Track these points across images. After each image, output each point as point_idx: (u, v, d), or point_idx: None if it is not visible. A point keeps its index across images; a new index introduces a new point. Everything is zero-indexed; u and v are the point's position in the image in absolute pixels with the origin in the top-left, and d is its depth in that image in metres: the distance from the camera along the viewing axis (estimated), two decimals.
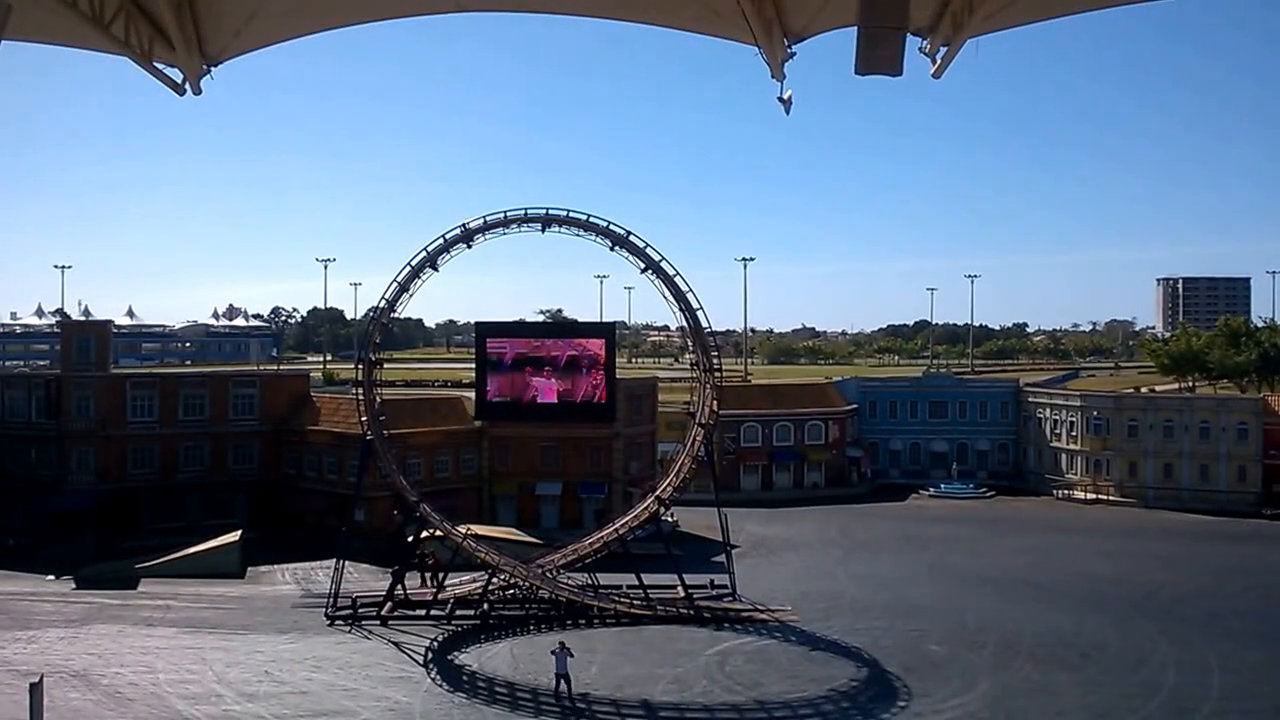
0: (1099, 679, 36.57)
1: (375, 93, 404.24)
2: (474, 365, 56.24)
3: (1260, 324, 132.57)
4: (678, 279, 46.92)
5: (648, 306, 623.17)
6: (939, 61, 13.73)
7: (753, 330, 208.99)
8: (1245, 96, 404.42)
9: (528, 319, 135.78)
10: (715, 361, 48.58)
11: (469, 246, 46.35)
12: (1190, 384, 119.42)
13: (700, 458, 48.10)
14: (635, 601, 45.48)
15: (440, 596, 45.76)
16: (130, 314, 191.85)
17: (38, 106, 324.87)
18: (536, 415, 55.87)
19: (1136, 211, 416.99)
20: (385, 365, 49.42)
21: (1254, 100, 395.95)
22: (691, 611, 44.98)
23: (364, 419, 46.04)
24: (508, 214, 46.07)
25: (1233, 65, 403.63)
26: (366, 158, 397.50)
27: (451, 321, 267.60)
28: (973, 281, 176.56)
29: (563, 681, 34.40)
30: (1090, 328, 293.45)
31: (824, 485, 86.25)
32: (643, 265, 46.74)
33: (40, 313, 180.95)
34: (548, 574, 46.45)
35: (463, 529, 47.54)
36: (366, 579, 50.56)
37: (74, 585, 51.07)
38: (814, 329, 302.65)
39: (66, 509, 60.96)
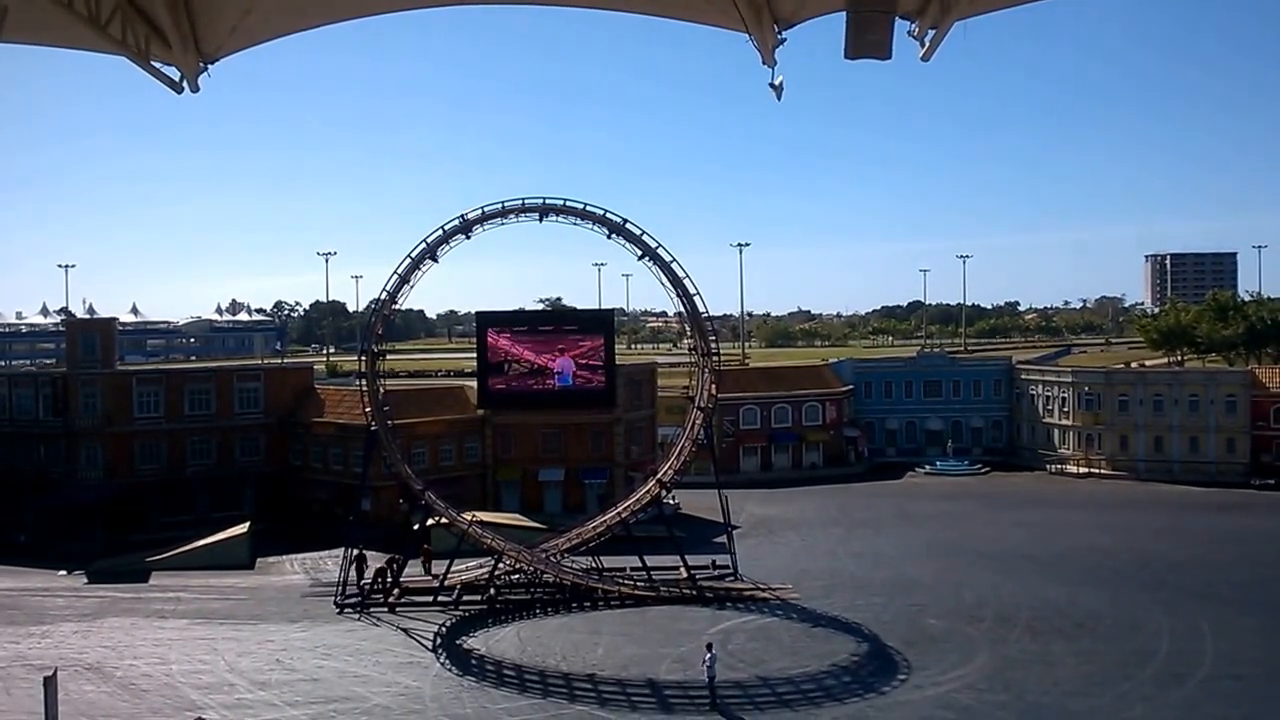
0: (1095, 648, 37.25)
1: (372, 86, 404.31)
2: (475, 355, 56.74)
3: (1247, 298, 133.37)
4: (674, 265, 47.17)
5: (646, 293, 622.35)
6: (927, 44, 13.71)
7: (750, 314, 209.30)
8: (1231, 73, 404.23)
9: (527, 308, 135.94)
10: (713, 346, 48.99)
11: (468, 237, 46.55)
12: (1179, 358, 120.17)
13: (700, 441, 48.57)
14: (639, 583, 45.99)
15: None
16: (134, 311, 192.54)
17: (38, 107, 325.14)
18: (538, 402, 56.43)
19: (1124, 188, 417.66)
20: (388, 356, 49.66)
21: (1240, 76, 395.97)
22: (694, 592, 45.56)
23: (368, 410, 46.35)
24: (505, 204, 46.28)
25: (1221, 41, 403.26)
26: (365, 151, 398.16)
27: (452, 312, 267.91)
28: (964, 262, 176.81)
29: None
30: (1080, 304, 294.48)
31: (822, 465, 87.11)
32: (639, 252, 46.95)
33: (45, 312, 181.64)
34: (552, 558, 46.95)
35: (468, 516, 48.14)
36: (375, 567, 51.00)
37: (86, 580, 51.75)
38: (809, 312, 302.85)
39: (76, 505, 61.52)
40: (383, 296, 47.40)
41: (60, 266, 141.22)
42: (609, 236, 47.00)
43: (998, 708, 31.66)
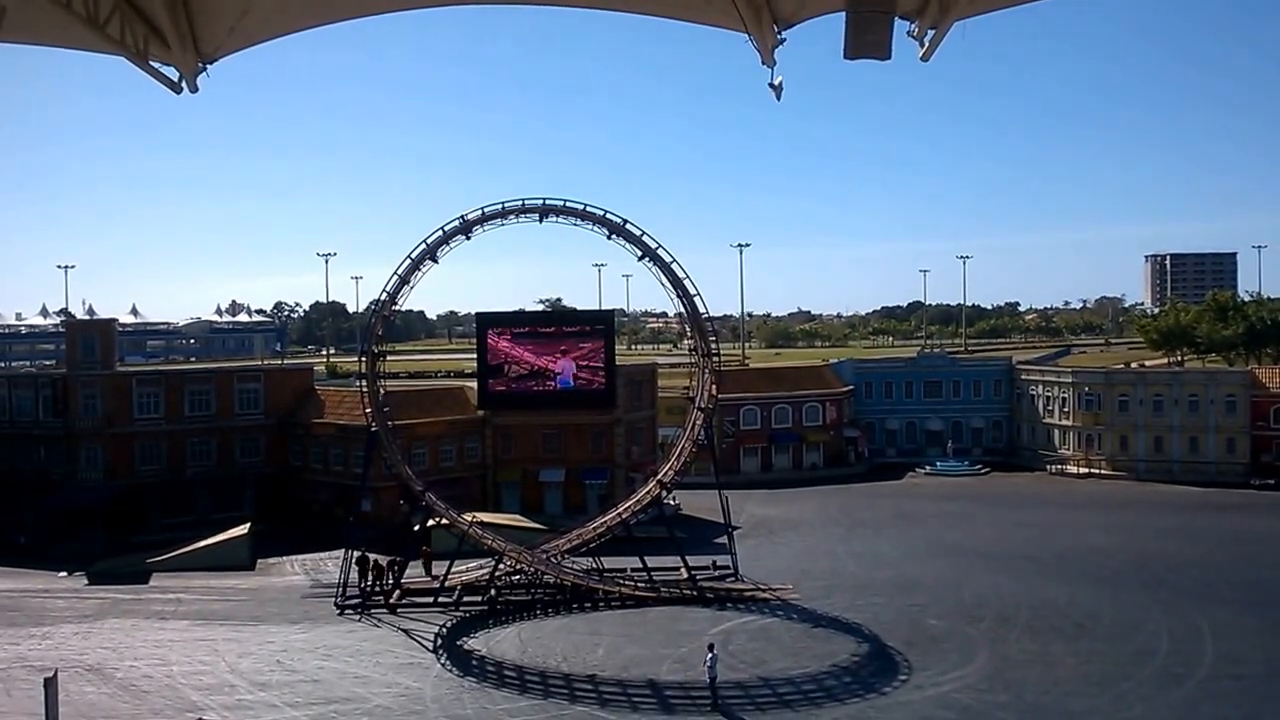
0: (1094, 648, 37.26)
1: (372, 85, 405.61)
2: (475, 355, 56.76)
3: (1247, 298, 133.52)
4: (674, 266, 47.14)
5: (646, 293, 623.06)
6: (927, 45, 13.66)
7: (750, 314, 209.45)
8: (1231, 72, 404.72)
9: (527, 308, 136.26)
10: (713, 346, 48.98)
11: (468, 238, 46.53)
12: (1179, 358, 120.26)
13: (700, 441, 48.56)
14: (639, 584, 46.02)
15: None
16: (134, 312, 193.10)
17: (38, 107, 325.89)
18: (538, 403, 56.47)
19: (1124, 188, 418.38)
20: (388, 357, 49.68)
21: (1240, 76, 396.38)
22: (695, 592, 45.57)
23: (368, 410, 46.38)
24: (505, 205, 46.28)
25: (1221, 40, 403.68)
26: (365, 151, 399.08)
27: (453, 313, 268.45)
28: (964, 262, 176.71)
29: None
30: (1080, 305, 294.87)
31: (822, 465, 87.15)
32: (640, 253, 46.90)
33: (45, 313, 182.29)
34: (553, 559, 46.98)
35: (468, 516, 48.17)
36: (373, 564, 50.99)
37: (86, 581, 51.73)
38: (809, 312, 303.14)
39: (76, 506, 61.52)
40: (383, 297, 47.42)
41: (60, 267, 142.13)
42: (609, 237, 47.00)
43: (998, 708, 31.67)
